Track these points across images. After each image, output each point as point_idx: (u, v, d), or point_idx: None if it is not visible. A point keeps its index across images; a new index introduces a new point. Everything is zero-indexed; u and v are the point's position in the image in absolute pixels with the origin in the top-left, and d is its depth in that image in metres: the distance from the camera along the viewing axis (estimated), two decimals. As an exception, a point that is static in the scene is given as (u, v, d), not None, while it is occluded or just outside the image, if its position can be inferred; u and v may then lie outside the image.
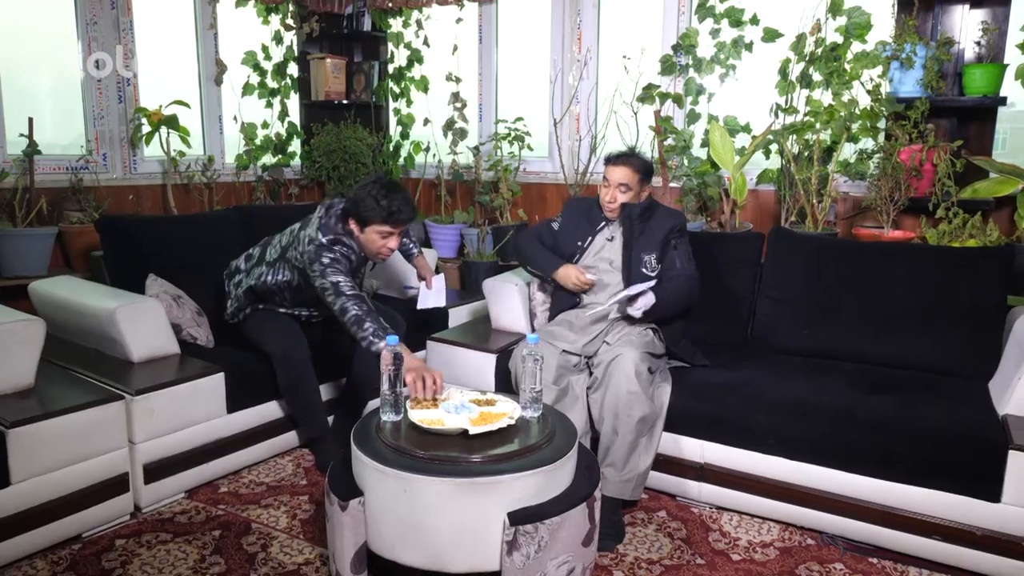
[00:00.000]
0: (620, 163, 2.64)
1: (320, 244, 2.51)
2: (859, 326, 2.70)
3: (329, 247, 2.52)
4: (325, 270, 2.48)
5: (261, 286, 2.73)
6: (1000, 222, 3.10)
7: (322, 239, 2.52)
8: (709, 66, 3.67)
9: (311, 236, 2.54)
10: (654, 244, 2.62)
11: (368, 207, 2.47)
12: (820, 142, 3.30)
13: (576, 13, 4.10)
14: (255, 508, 2.45)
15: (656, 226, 2.64)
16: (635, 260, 2.61)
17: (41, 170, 3.42)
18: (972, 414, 2.19)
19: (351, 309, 2.41)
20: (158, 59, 3.94)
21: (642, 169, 2.64)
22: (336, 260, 2.50)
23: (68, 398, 2.20)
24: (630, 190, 2.62)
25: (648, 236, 2.63)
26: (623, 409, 2.29)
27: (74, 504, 2.15)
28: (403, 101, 4.75)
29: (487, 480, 1.74)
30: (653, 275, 2.58)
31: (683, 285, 2.58)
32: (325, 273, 2.47)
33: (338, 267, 2.49)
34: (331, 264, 2.49)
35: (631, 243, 2.63)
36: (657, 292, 2.50)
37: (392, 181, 2.58)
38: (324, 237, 2.52)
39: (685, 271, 2.61)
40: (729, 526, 2.39)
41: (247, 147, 4.32)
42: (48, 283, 2.84)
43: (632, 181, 2.62)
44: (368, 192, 2.48)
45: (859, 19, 3.26)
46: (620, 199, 2.63)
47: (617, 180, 2.62)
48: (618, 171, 2.63)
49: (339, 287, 2.45)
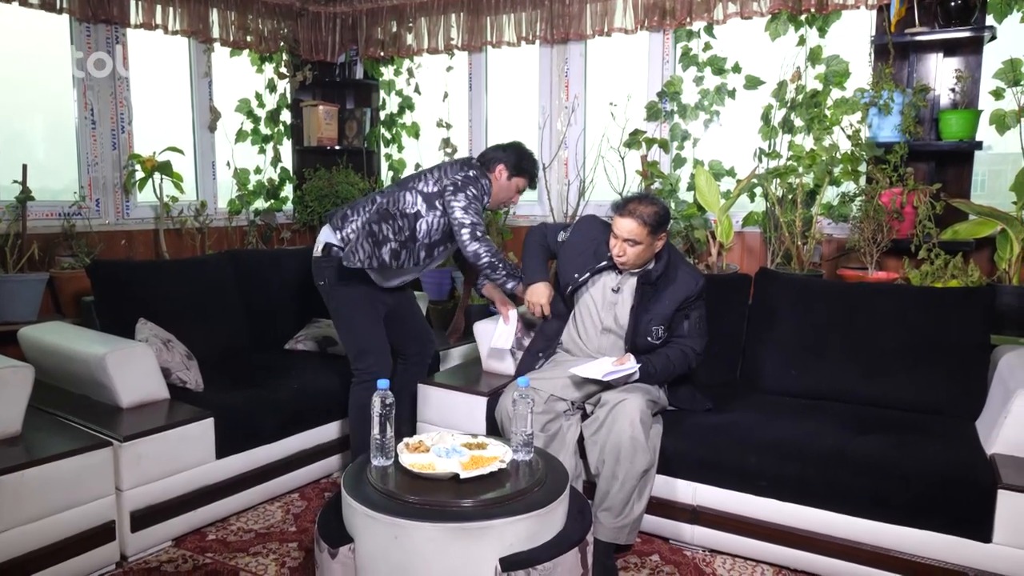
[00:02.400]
0: (626, 215, 2.38)
1: (468, 175, 2.66)
2: (846, 366, 2.73)
3: (476, 180, 2.67)
4: (469, 205, 2.62)
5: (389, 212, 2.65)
6: (980, 262, 3.16)
7: (470, 172, 2.68)
8: (693, 112, 3.76)
9: (461, 167, 2.70)
10: (665, 315, 2.47)
11: (530, 161, 2.79)
12: (803, 185, 3.38)
13: (563, 61, 4.21)
14: (243, 556, 2.41)
15: (671, 295, 2.47)
16: (643, 329, 2.48)
17: (33, 216, 3.44)
18: (961, 454, 2.20)
19: (484, 256, 2.63)
20: (153, 105, 4.00)
21: (652, 221, 2.37)
22: (479, 197, 2.66)
23: (55, 445, 2.18)
24: (639, 244, 2.40)
25: (660, 304, 2.47)
26: (625, 456, 2.26)
27: (59, 553, 2.12)
28: (395, 147, 4.83)
29: (479, 525, 1.73)
30: (658, 343, 2.49)
31: (678, 359, 2.48)
32: (468, 208, 2.62)
33: (478, 205, 2.65)
34: (474, 200, 2.64)
35: (641, 309, 2.49)
36: (651, 363, 2.44)
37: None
38: (472, 172, 2.69)
39: (689, 340, 2.50)
40: (723, 569, 2.37)
41: (240, 192, 4.36)
42: (38, 329, 2.83)
43: (640, 235, 2.38)
44: (519, 150, 2.78)
45: (837, 67, 3.37)
46: (630, 253, 2.41)
47: (623, 235, 2.40)
48: (624, 225, 2.39)
49: (475, 229, 2.61)
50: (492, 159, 2.77)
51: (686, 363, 2.52)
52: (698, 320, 2.54)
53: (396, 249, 2.62)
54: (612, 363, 2.44)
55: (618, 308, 2.56)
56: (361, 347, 2.67)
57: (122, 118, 3.80)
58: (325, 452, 3.00)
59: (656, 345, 2.50)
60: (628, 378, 2.43)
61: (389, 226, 2.62)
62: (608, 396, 2.41)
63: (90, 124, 3.70)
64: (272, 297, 3.46)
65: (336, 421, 3.02)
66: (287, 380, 2.96)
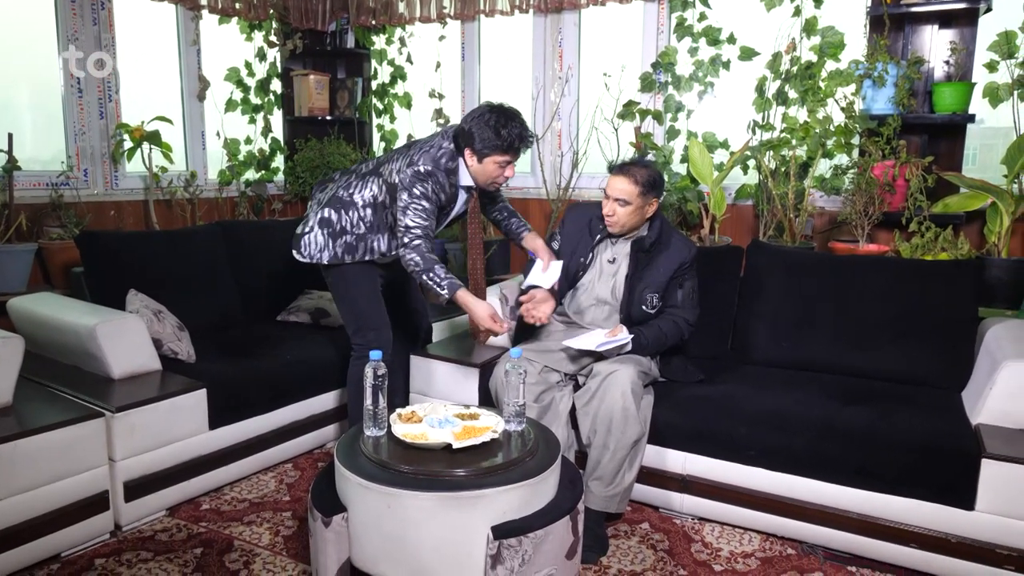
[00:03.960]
0: (619, 173, 2.44)
1: (417, 172, 2.39)
2: (836, 338, 2.75)
3: (424, 178, 2.39)
4: (410, 204, 2.39)
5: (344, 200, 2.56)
6: (970, 236, 3.18)
7: (420, 167, 2.40)
8: (688, 84, 3.73)
9: (412, 160, 2.43)
10: (660, 282, 2.49)
11: (486, 138, 2.36)
12: (796, 158, 3.37)
13: (557, 31, 4.16)
14: (237, 525, 2.43)
15: (665, 261, 2.50)
16: (637, 298, 2.50)
17: (21, 186, 3.40)
18: (946, 424, 2.23)
19: (411, 266, 2.39)
20: (140, 74, 3.94)
21: (645, 181, 2.41)
22: (425, 196, 2.39)
23: (47, 416, 2.18)
24: (629, 204, 2.43)
25: (655, 272, 2.50)
26: (617, 426, 2.28)
27: (53, 523, 2.13)
28: (386, 117, 4.78)
29: (471, 494, 1.75)
30: (652, 312, 2.51)
31: (670, 330, 2.50)
32: (408, 208, 2.39)
33: (423, 205, 2.39)
34: (419, 199, 2.39)
35: (635, 277, 2.51)
36: (644, 334, 2.45)
37: (505, 107, 2.43)
38: (424, 166, 2.40)
39: (682, 311, 2.52)
40: (711, 537, 2.41)
41: (230, 163, 4.32)
42: (27, 300, 2.81)
43: (631, 195, 2.41)
44: (485, 122, 2.36)
45: (832, 39, 3.34)
46: (620, 213, 2.44)
47: (615, 194, 2.43)
48: (616, 183, 2.43)
49: (411, 231, 2.38)
50: (462, 142, 2.44)
51: (678, 334, 2.54)
52: (691, 291, 2.56)
53: (352, 243, 2.54)
54: (605, 334, 2.46)
55: (617, 278, 2.57)
56: (360, 322, 2.65)
57: (109, 87, 3.75)
58: (318, 423, 3.02)
59: (650, 315, 2.51)
60: (621, 348, 2.45)
61: (348, 217, 2.54)
62: (600, 367, 2.42)
63: (76, 93, 3.64)
64: (264, 268, 3.45)
65: (329, 392, 3.03)
66: (280, 351, 2.96)
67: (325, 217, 2.56)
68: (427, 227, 2.41)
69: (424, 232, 2.40)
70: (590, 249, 2.60)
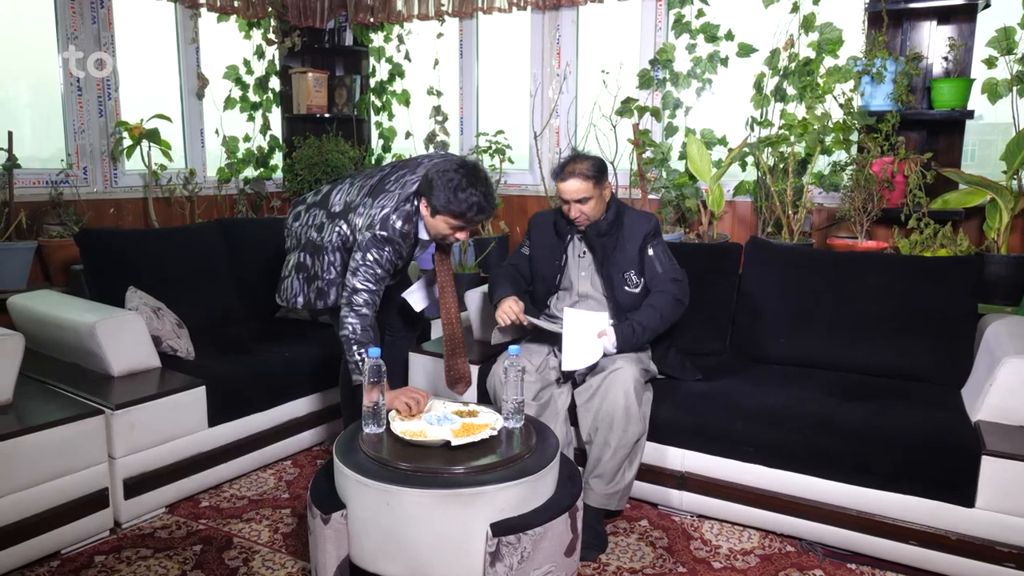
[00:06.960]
0: (567, 177, 2.40)
1: (375, 236, 2.25)
2: (835, 335, 2.75)
3: (382, 244, 2.26)
4: (361, 266, 2.25)
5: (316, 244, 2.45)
6: (970, 232, 3.17)
7: (379, 232, 2.25)
8: (686, 80, 3.73)
9: (374, 219, 2.27)
10: (631, 258, 2.49)
11: (443, 197, 2.19)
12: (795, 154, 3.37)
13: (555, 28, 4.15)
14: (237, 522, 2.44)
15: (629, 237, 2.49)
16: (616, 281, 2.49)
17: (21, 183, 3.40)
18: (946, 420, 2.23)
19: (343, 329, 2.24)
20: (139, 72, 3.93)
21: (592, 172, 2.40)
22: (378, 263, 2.25)
23: (47, 413, 2.18)
24: (590, 199, 2.42)
25: (622, 250, 2.49)
26: (619, 424, 2.28)
27: (53, 520, 2.14)
28: (385, 115, 4.78)
29: (470, 491, 1.75)
30: (636, 291, 2.49)
31: (666, 305, 2.46)
32: (359, 270, 2.25)
33: (376, 272, 2.25)
34: (372, 264, 2.25)
35: (607, 263, 2.50)
36: (635, 321, 2.42)
37: (475, 168, 2.26)
38: (381, 231, 2.25)
39: (666, 280, 2.48)
40: (710, 534, 2.41)
41: (229, 160, 4.32)
42: (27, 297, 2.82)
43: (588, 191, 2.40)
44: (448, 180, 2.18)
45: (831, 35, 3.34)
46: (586, 210, 2.43)
47: (573, 196, 2.41)
48: (569, 186, 2.40)
49: (358, 293, 2.24)
50: (425, 188, 2.25)
51: (676, 304, 2.48)
52: (665, 253, 2.52)
53: (323, 288, 2.44)
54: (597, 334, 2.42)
55: (592, 271, 2.57)
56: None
57: (108, 85, 3.74)
58: (317, 420, 3.02)
59: (635, 295, 2.49)
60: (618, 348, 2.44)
61: (319, 262, 2.45)
62: (602, 363, 2.42)
63: (75, 91, 3.64)
64: (263, 266, 3.44)
65: (328, 390, 3.03)
66: (279, 349, 2.96)
67: (300, 262, 2.52)
68: (375, 293, 2.27)
69: (372, 300, 2.26)
70: (562, 251, 2.60)
